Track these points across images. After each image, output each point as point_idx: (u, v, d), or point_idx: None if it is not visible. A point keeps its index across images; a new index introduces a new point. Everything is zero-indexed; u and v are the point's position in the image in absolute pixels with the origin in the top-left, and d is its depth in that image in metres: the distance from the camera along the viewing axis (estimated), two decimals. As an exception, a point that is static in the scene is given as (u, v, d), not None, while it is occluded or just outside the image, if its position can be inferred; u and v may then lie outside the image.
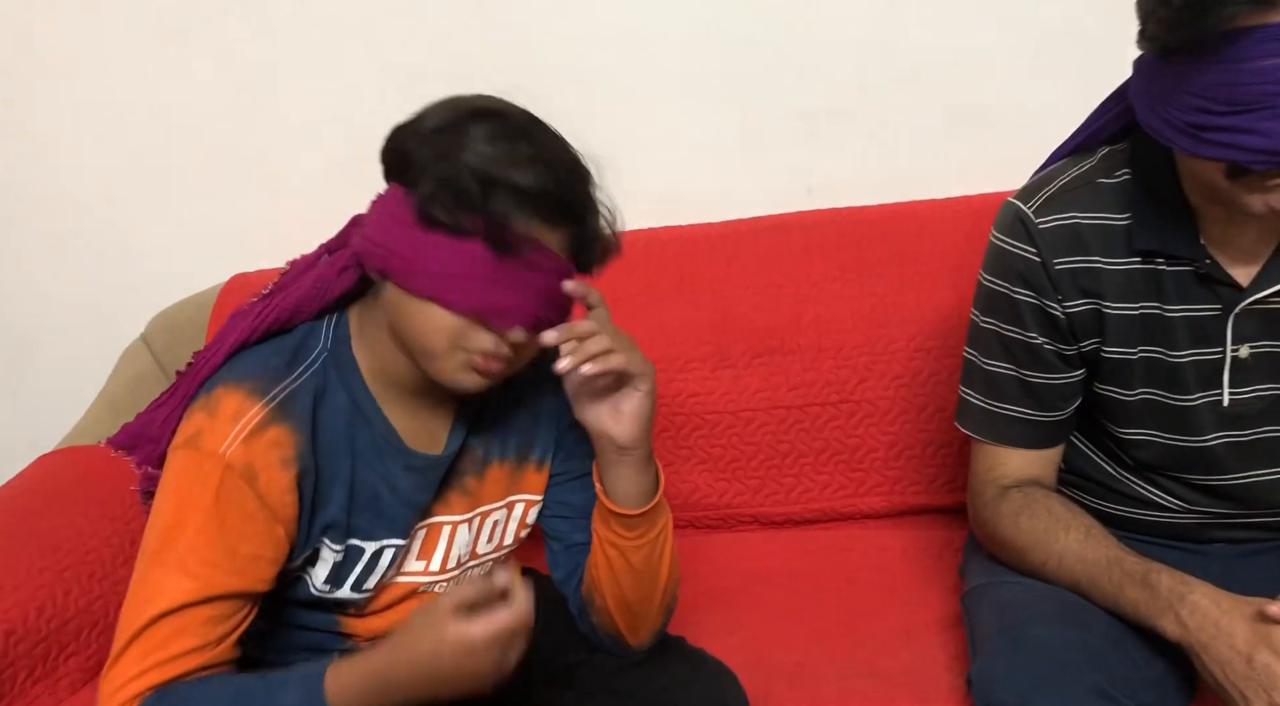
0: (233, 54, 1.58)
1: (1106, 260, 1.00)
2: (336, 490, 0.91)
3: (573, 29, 1.54)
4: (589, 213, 0.88)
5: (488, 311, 0.84)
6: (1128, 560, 0.96)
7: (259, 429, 0.86)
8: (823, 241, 1.47)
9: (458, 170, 0.83)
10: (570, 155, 0.87)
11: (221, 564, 0.84)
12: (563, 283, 0.88)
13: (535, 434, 1.01)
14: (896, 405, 1.40)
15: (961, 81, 1.51)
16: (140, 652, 0.82)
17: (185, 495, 0.85)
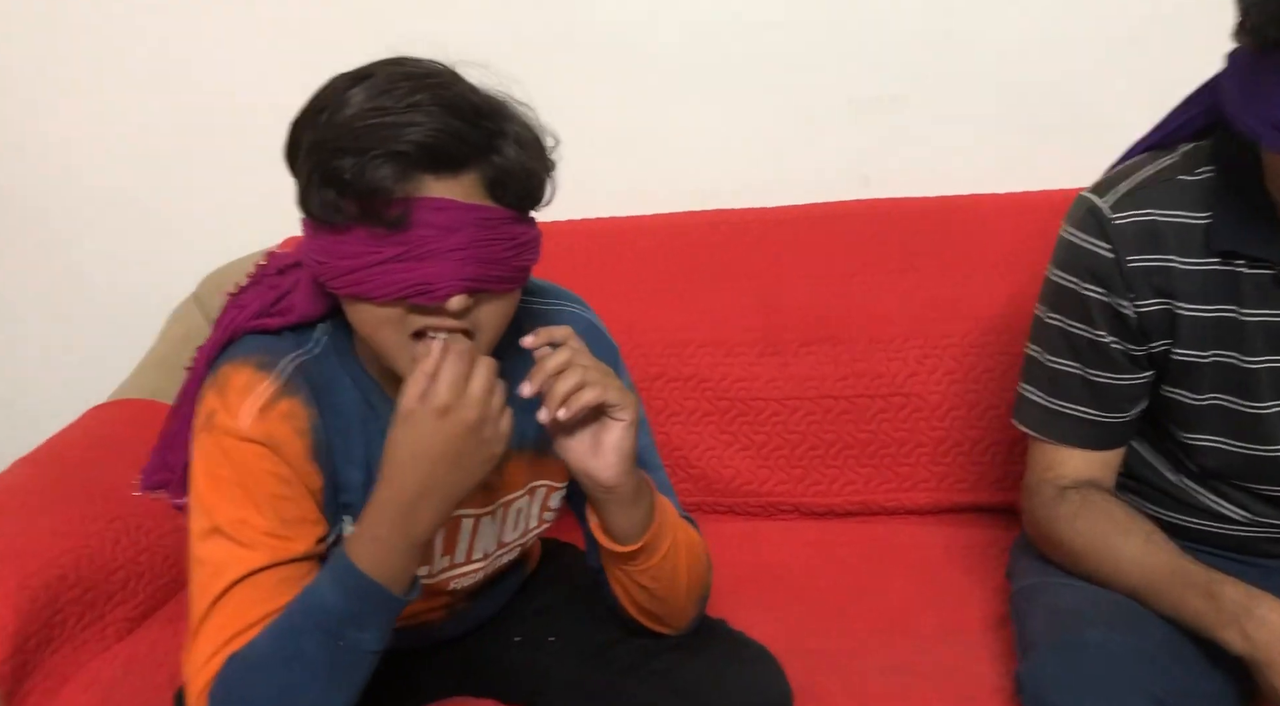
0: (292, 19, 1.58)
1: (1182, 260, 0.98)
2: (352, 472, 0.89)
3: (628, 13, 1.52)
4: (492, 150, 0.79)
5: (411, 291, 0.78)
6: (1191, 569, 0.94)
7: (272, 401, 0.85)
8: (877, 231, 1.45)
9: (320, 157, 0.77)
10: (452, 95, 0.78)
11: (275, 530, 0.84)
12: (506, 239, 0.79)
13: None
14: (947, 400, 1.38)
15: (1027, 73, 1.48)
16: (215, 628, 0.82)
17: (217, 474, 0.84)
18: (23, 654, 1.03)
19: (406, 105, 0.76)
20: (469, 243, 0.78)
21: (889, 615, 1.19)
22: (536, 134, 0.83)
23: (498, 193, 0.80)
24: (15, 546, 1.09)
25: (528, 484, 0.98)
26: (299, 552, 0.85)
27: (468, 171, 0.79)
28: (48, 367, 1.80)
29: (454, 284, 0.78)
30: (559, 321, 0.95)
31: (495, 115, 0.80)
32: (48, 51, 1.64)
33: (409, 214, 0.77)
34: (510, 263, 0.82)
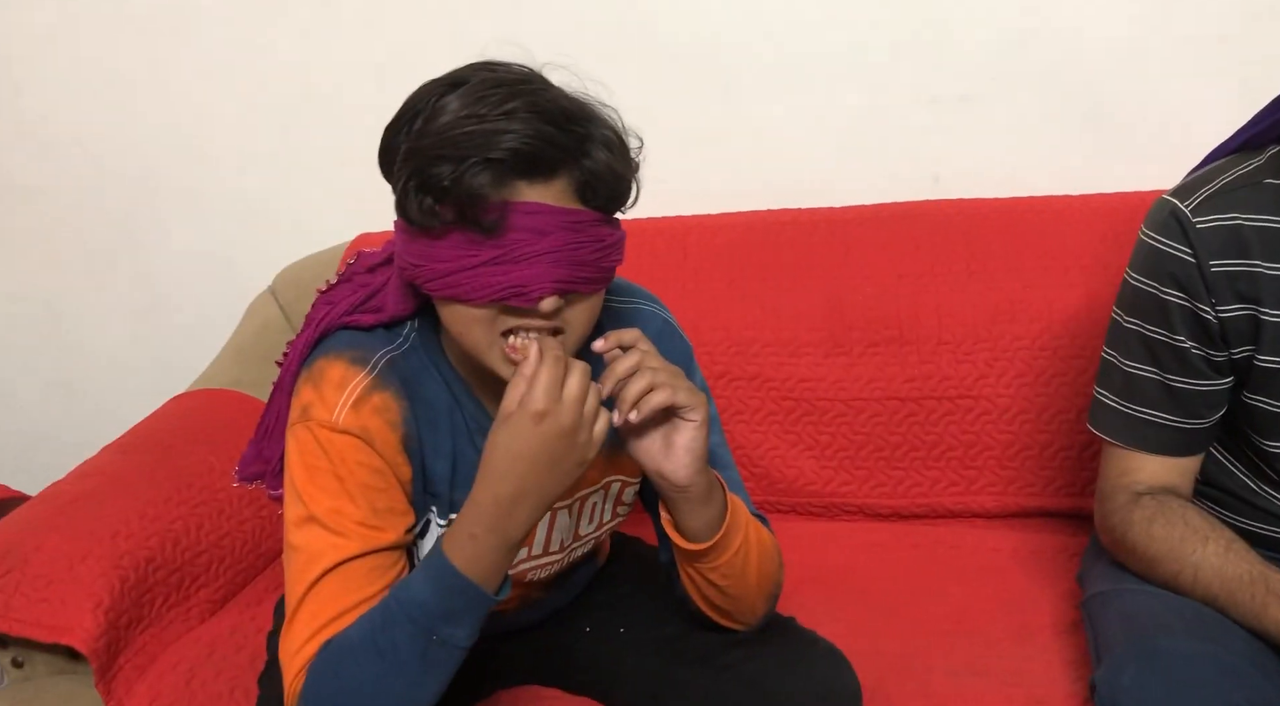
0: (374, 23, 1.62)
1: (1269, 265, 0.96)
2: (439, 463, 0.92)
3: (705, 14, 1.53)
4: (581, 155, 0.81)
5: (505, 294, 0.80)
6: (1273, 577, 0.92)
7: (365, 394, 0.87)
8: (947, 232, 1.44)
9: (418, 164, 0.79)
10: (544, 102, 0.80)
11: (367, 520, 0.86)
12: (595, 241, 0.81)
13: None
14: (1016, 403, 1.37)
15: (1102, 74, 1.46)
16: (310, 614, 0.85)
17: (312, 465, 0.87)
18: (115, 631, 1.08)
19: (501, 112, 0.78)
20: (560, 245, 0.80)
21: (956, 617, 1.19)
22: (622, 137, 0.85)
23: (587, 196, 0.82)
24: (109, 528, 1.14)
25: (603, 479, 0.99)
26: (389, 542, 0.87)
27: (559, 176, 0.81)
28: (130, 358, 1.87)
29: (546, 286, 0.80)
30: (636, 320, 0.98)
31: (584, 120, 0.82)
32: (132, 56, 1.70)
33: (504, 218, 0.79)
34: (598, 264, 0.83)
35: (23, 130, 1.77)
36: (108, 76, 1.72)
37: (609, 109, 0.86)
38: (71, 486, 1.22)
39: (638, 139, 0.87)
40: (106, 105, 1.74)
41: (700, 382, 1.01)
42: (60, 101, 1.74)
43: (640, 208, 1.55)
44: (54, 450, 1.71)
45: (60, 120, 1.75)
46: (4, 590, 1.06)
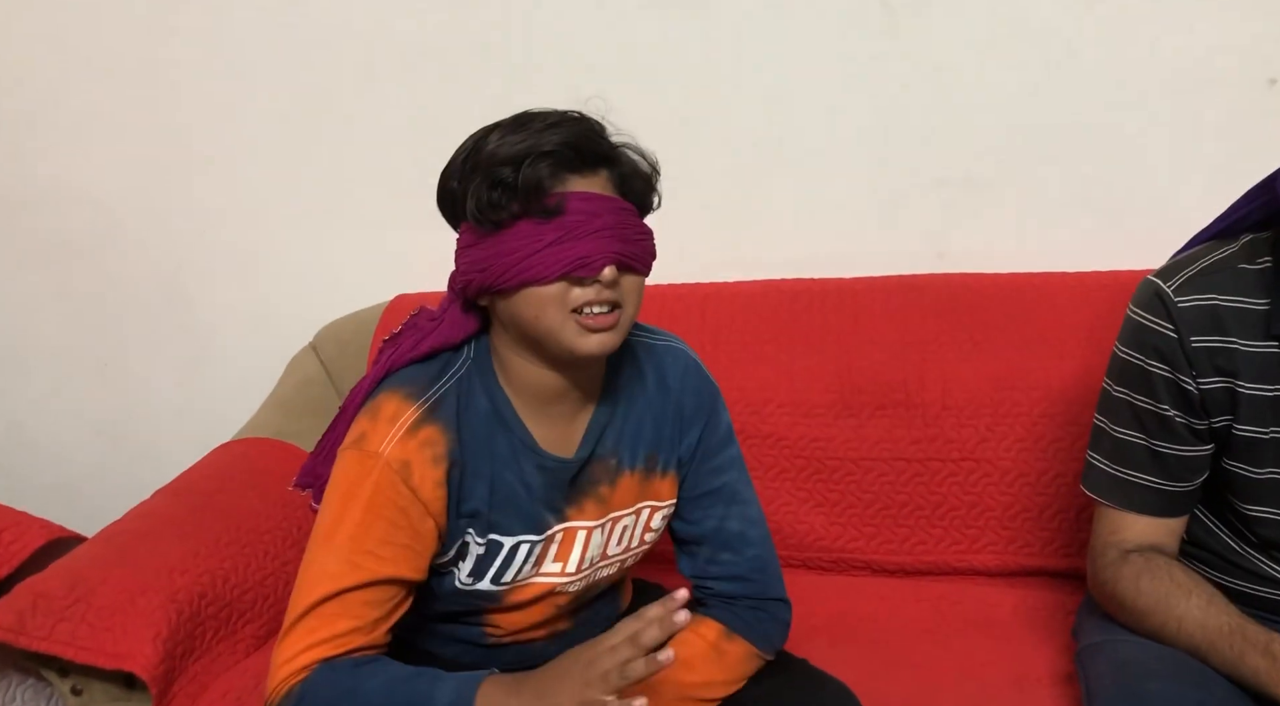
0: (414, 89, 1.72)
1: (1243, 342, 1.05)
2: (479, 486, 1.00)
3: (721, 89, 1.63)
4: (617, 154, 0.97)
5: (572, 266, 0.92)
6: (1250, 628, 0.99)
7: (414, 428, 0.96)
8: (952, 304, 1.52)
9: (486, 173, 0.93)
10: (577, 117, 0.96)
11: (379, 553, 0.95)
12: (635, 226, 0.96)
13: (659, 445, 1.07)
14: (1016, 466, 1.44)
15: (1099, 162, 1.57)
16: (307, 629, 0.94)
17: (350, 491, 0.96)
18: (171, 660, 1.15)
19: (545, 126, 0.94)
20: (612, 225, 0.94)
21: (959, 666, 1.25)
22: (644, 151, 1.01)
23: (625, 190, 0.98)
24: (166, 565, 1.22)
25: (636, 503, 1.07)
26: (392, 575, 0.96)
27: (601, 170, 0.96)
28: (176, 408, 1.94)
29: (606, 256, 0.93)
30: (670, 356, 1.10)
31: (610, 134, 0.98)
32: (185, 117, 1.80)
33: (564, 203, 0.93)
34: (642, 245, 0.97)
35: (79, 190, 1.87)
36: (161, 137, 1.81)
37: (627, 134, 1.01)
38: (130, 525, 1.30)
39: (653, 155, 1.02)
40: (161, 166, 1.83)
41: (727, 421, 1.12)
42: (117, 162, 1.84)
43: (662, 273, 1.67)
44: (102, 494, 1.79)
45: (115, 180, 1.85)
46: (70, 619, 1.13)
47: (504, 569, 1.03)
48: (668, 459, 1.08)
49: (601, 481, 1.05)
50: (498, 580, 1.03)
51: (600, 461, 1.05)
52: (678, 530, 1.11)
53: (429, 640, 1.09)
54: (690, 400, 1.08)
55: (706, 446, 1.09)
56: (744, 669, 1.06)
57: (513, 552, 1.03)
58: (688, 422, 1.08)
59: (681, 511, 1.10)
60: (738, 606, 1.08)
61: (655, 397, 1.07)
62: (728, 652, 1.05)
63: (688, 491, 1.09)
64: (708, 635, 1.05)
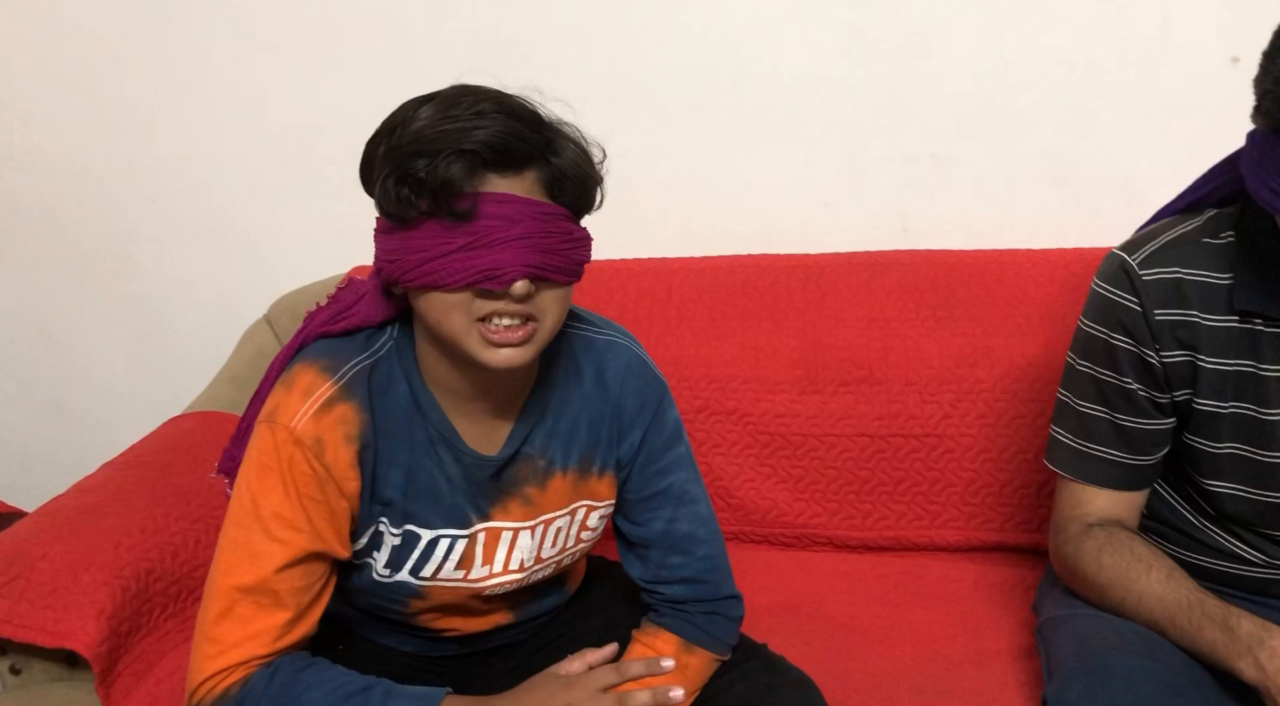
0: (374, 62, 1.69)
1: (1205, 316, 1.05)
2: (393, 472, 0.95)
3: (690, 64, 1.62)
4: (550, 152, 0.87)
5: (478, 277, 0.85)
6: (1208, 602, 1.00)
7: (328, 405, 0.91)
8: (915, 280, 1.52)
9: (398, 163, 0.84)
10: (514, 104, 0.87)
11: (303, 528, 0.91)
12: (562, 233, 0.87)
13: (595, 447, 1.02)
14: (978, 443, 1.45)
15: (1062, 139, 1.57)
16: (239, 619, 0.89)
17: (264, 466, 0.91)
18: (116, 637, 1.11)
19: (473, 112, 0.84)
20: (530, 233, 0.85)
21: (920, 642, 1.25)
22: (586, 147, 0.92)
23: (555, 191, 0.88)
24: (111, 540, 1.18)
25: (570, 504, 1.02)
26: (320, 549, 0.92)
27: (528, 170, 0.87)
28: (128, 381, 1.90)
29: (518, 269, 0.85)
30: (611, 352, 1.02)
31: (552, 124, 0.89)
32: (138, 84, 1.75)
33: (476, 206, 0.84)
34: (568, 255, 0.88)
35: (26, 154, 1.81)
36: (114, 103, 1.76)
37: (572, 126, 0.92)
38: (73, 500, 1.26)
39: (600, 151, 0.93)
40: (112, 132, 1.78)
41: (675, 420, 1.05)
42: (65, 127, 1.78)
43: (628, 248, 1.66)
44: (48, 469, 1.74)
45: (64, 145, 1.79)
46: (8, 597, 1.09)
47: (423, 562, 0.99)
48: (605, 460, 1.02)
49: (528, 482, 1.00)
50: (417, 573, 0.99)
51: (527, 462, 0.99)
52: (625, 532, 1.06)
53: (371, 629, 1.06)
54: (631, 400, 1.01)
55: (651, 448, 1.03)
56: (704, 676, 1.04)
57: (432, 546, 0.98)
58: (628, 424, 1.01)
59: (628, 513, 1.05)
60: (691, 613, 1.04)
61: (592, 397, 1.00)
62: (688, 666, 1.03)
63: (633, 494, 1.04)
64: (665, 650, 1.03)
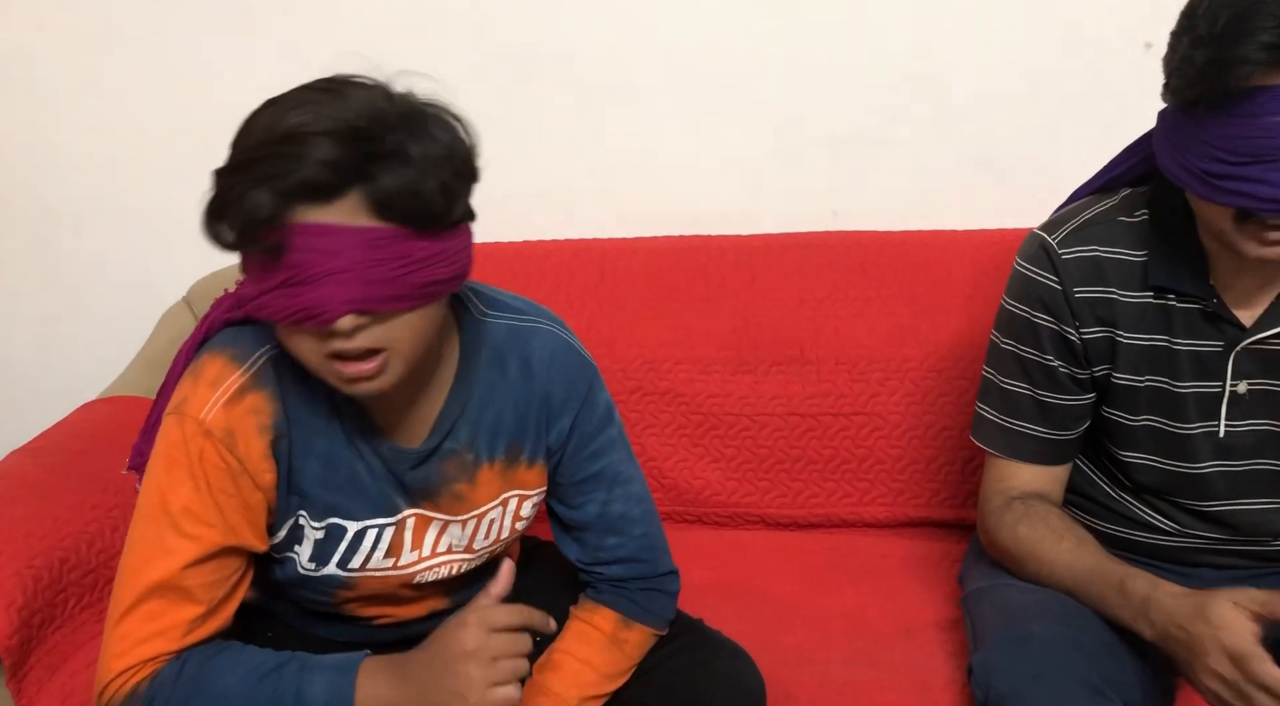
0: (294, 46, 1.64)
1: (1122, 293, 1.09)
2: (310, 464, 0.92)
3: (619, 45, 1.61)
4: (376, 171, 0.78)
5: (299, 316, 0.79)
6: (1108, 568, 1.04)
7: (238, 395, 0.88)
8: (845, 261, 1.54)
9: (213, 183, 0.80)
10: (339, 119, 0.78)
11: (215, 523, 0.88)
12: (397, 258, 0.79)
13: (522, 436, 0.99)
14: (906, 421, 1.47)
15: (987, 120, 1.60)
16: (146, 615, 0.86)
17: (174, 459, 0.88)
18: (28, 629, 1.07)
19: (283, 134, 0.77)
20: (352, 265, 0.78)
21: (850, 616, 1.27)
22: (445, 149, 0.82)
23: (384, 212, 0.79)
24: (21, 529, 1.13)
25: (500, 495, 1.00)
26: (233, 543, 0.89)
27: (348, 195, 0.78)
28: (41, 364, 1.82)
29: (339, 307, 0.79)
30: (536, 339, 0.99)
31: (386, 133, 0.79)
32: (52, 57, 1.68)
33: (285, 241, 0.77)
34: (405, 280, 0.80)
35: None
36: (24, 79, 1.69)
37: (448, 119, 0.84)
38: (-19, 488, 1.21)
39: (466, 150, 0.84)
40: (22, 107, 1.71)
41: (605, 402, 1.03)
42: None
43: (560, 230, 1.64)
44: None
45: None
46: (-89, 589, 1.04)
47: (351, 554, 0.96)
48: (534, 449, 1.00)
49: (458, 479, 0.97)
50: (345, 566, 0.97)
51: (454, 456, 0.96)
52: (561, 515, 1.05)
53: (302, 620, 1.03)
54: (560, 387, 0.98)
55: (582, 433, 1.00)
56: (643, 651, 1.04)
57: (359, 538, 0.96)
58: (557, 411, 0.99)
59: (562, 497, 1.04)
60: (630, 589, 1.04)
61: (518, 385, 0.97)
62: (627, 641, 1.03)
63: (566, 478, 1.02)
64: (604, 626, 1.03)
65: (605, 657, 1.01)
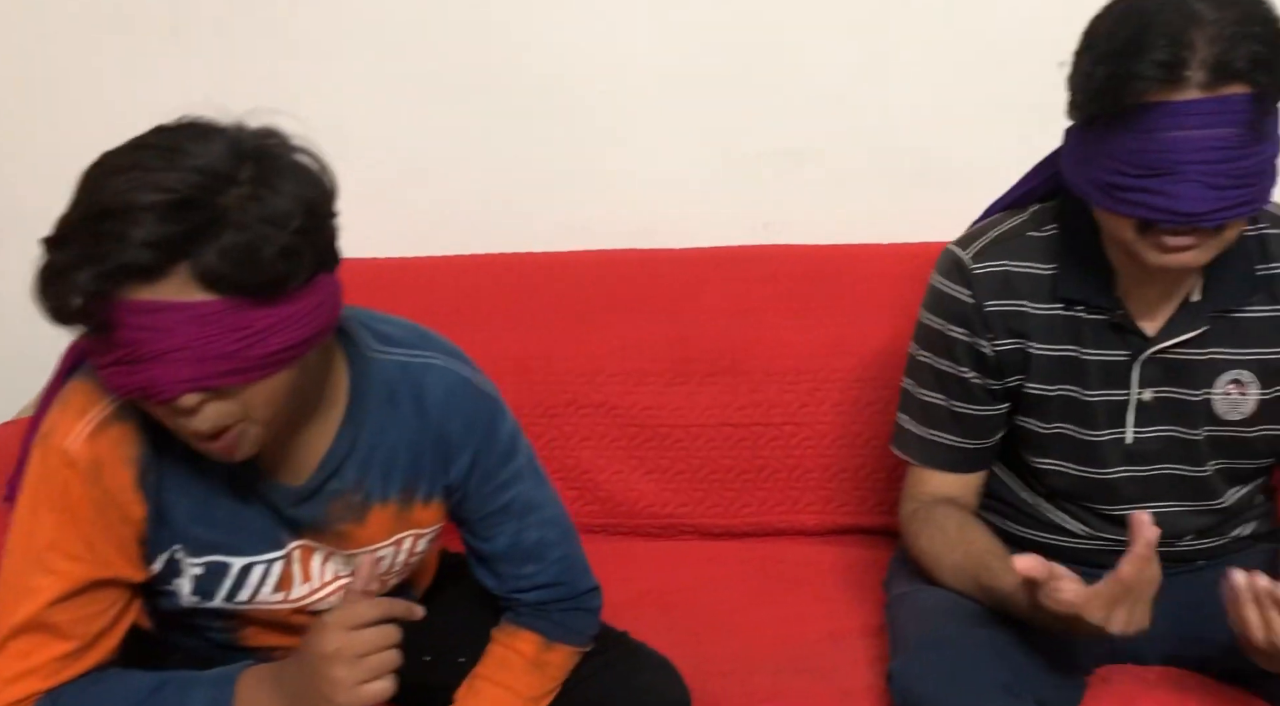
0: (234, 55, 1.63)
1: (1033, 305, 1.12)
2: (183, 500, 0.89)
3: (557, 62, 1.62)
4: (203, 244, 0.73)
5: (137, 394, 0.77)
6: (981, 573, 1.07)
7: (104, 425, 0.85)
8: (776, 274, 1.57)
9: (43, 254, 0.76)
10: (165, 191, 0.73)
11: (83, 557, 0.85)
12: (235, 330, 0.75)
13: (417, 476, 0.96)
14: (834, 430, 1.50)
15: (909, 137, 1.64)
16: (17, 654, 0.84)
17: (39, 492, 0.85)
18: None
19: (103, 210, 0.73)
20: (185, 343, 0.74)
21: (778, 624, 1.29)
22: (291, 204, 0.76)
23: (215, 286, 0.75)
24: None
25: (393, 535, 0.98)
26: (106, 576, 0.87)
27: (174, 272, 0.74)
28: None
29: (175, 387, 0.76)
30: (430, 376, 0.95)
31: (220, 197, 0.74)
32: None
33: (111, 319, 0.74)
34: (247, 354, 0.76)
35: None
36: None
37: (302, 161, 0.79)
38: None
39: (325, 189, 0.80)
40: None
41: (508, 433, 1.00)
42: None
43: (498, 243, 1.64)
44: None
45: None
46: None
47: (238, 589, 0.94)
48: (430, 488, 0.97)
49: (344, 519, 0.94)
50: (233, 599, 0.94)
51: (340, 497, 0.93)
52: (473, 547, 1.03)
53: (202, 647, 1.01)
54: (457, 425, 0.95)
55: (485, 467, 0.98)
56: (566, 671, 1.04)
57: (245, 572, 0.93)
58: (456, 449, 0.96)
59: (473, 529, 1.02)
60: (551, 610, 1.03)
61: (411, 424, 0.94)
62: (550, 662, 1.03)
63: (473, 512, 1.00)
64: (526, 650, 1.02)
65: (527, 681, 1.01)
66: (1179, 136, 0.93)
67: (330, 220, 0.81)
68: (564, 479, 1.51)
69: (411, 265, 1.60)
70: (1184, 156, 0.93)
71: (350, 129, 1.64)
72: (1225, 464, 1.14)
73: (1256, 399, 1.11)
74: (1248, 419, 1.11)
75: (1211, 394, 1.11)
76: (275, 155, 0.79)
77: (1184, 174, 0.93)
